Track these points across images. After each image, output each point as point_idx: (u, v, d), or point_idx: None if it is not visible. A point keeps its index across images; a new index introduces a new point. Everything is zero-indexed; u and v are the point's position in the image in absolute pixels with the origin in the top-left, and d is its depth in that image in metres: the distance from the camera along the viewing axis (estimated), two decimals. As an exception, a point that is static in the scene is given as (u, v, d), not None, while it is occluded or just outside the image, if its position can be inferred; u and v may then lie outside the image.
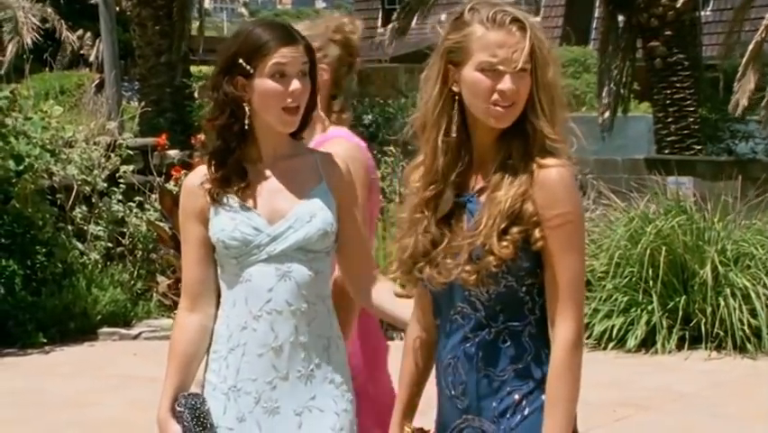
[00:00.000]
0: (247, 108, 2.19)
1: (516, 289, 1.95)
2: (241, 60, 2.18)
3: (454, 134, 1.99)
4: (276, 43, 2.18)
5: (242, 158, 2.23)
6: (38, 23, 13.46)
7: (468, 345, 1.99)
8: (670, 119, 11.59)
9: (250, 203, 2.22)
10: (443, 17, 2.01)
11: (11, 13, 13.48)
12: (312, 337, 2.22)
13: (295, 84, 2.18)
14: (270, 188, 2.24)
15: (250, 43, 2.19)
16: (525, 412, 1.96)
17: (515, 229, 1.91)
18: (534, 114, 1.96)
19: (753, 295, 6.51)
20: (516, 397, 1.96)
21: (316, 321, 2.23)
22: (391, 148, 9.41)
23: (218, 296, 2.28)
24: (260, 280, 2.20)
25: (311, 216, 2.20)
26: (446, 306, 2.02)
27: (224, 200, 2.23)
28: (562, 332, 1.92)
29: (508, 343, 1.97)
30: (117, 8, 12.20)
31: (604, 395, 5.63)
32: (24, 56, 12.69)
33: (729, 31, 11.52)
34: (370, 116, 13.12)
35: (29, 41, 13.15)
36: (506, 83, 1.93)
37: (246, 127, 2.21)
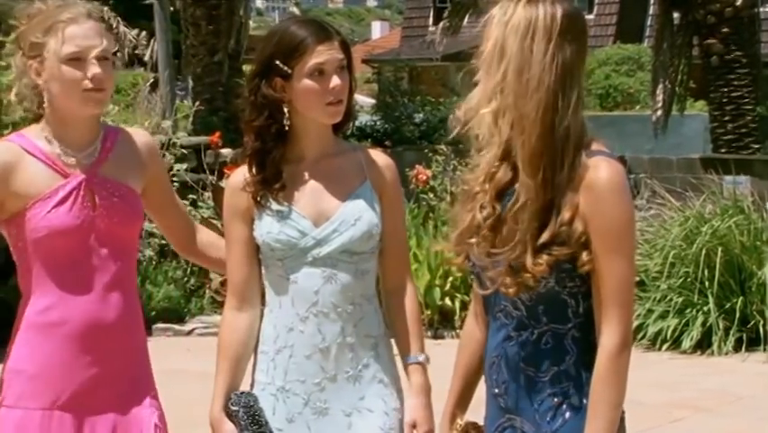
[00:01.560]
0: (286, 109, 2.18)
1: (557, 291, 1.92)
2: (278, 62, 2.17)
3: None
4: (312, 42, 2.16)
5: (282, 158, 2.21)
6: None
7: (511, 344, 1.97)
8: (727, 117, 11.40)
9: (294, 204, 2.21)
10: (492, 12, 1.97)
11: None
12: (359, 338, 2.21)
13: (335, 80, 2.17)
14: (315, 188, 2.22)
15: (285, 44, 2.17)
16: (567, 416, 1.93)
17: (561, 250, 1.86)
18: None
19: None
20: (557, 400, 1.94)
21: (363, 321, 2.22)
22: (442, 147, 9.37)
23: (263, 294, 2.27)
24: (306, 282, 2.19)
25: (356, 219, 2.19)
26: (492, 303, 2.01)
27: (268, 202, 2.21)
28: (606, 337, 1.89)
29: (551, 344, 1.94)
30: (172, 8, 12.34)
31: (659, 396, 5.57)
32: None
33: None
34: (421, 115, 13.09)
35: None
36: None
37: (286, 128, 2.19)
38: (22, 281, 2.30)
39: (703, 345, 6.57)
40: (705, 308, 6.59)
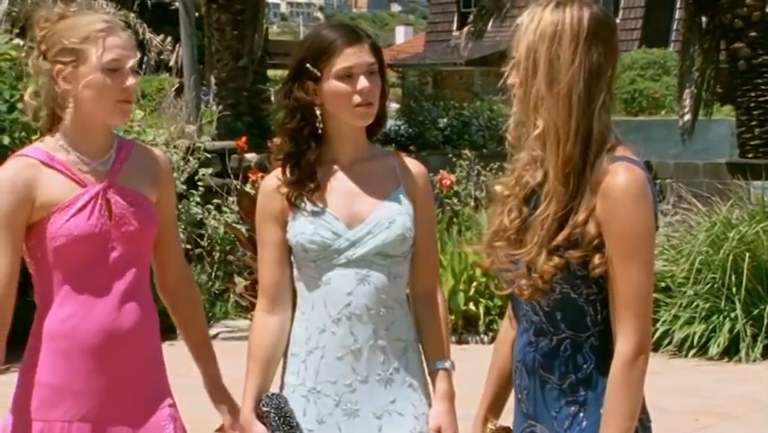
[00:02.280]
0: (318, 112, 2.20)
1: (573, 297, 1.91)
2: (308, 65, 2.19)
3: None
4: (340, 44, 2.18)
5: (316, 160, 2.22)
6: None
7: (531, 349, 1.97)
8: (754, 122, 11.31)
9: (328, 206, 2.22)
10: (520, 18, 1.96)
11: (95, 18, 13.81)
12: (390, 341, 2.21)
13: (362, 82, 2.18)
14: (349, 191, 2.23)
15: (315, 47, 2.20)
16: (583, 425, 1.92)
17: (572, 253, 1.86)
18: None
19: None
20: (573, 409, 1.92)
21: (395, 325, 2.22)
22: (466, 152, 9.36)
23: (294, 297, 2.27)
24: (340, 283, 2.19)
25: (390, 222, 2.20)
26: (518, 307, 2.02)
27: (302, 203, 2.22)
28: (620, 346, 1.87)
29: (569, 352, 1.93)
30: (197, 13, 12.41)
31: (686, 403, 5.52)
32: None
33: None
34: (445, 120, 13.07)
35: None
36: None
37: (319, 131, 2.21)
38: (38, 292, 2.31)
39: (730, 351, 6.50)
40: (732, 315, 6.53)
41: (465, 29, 14.01)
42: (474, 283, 7.11)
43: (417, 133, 12.51)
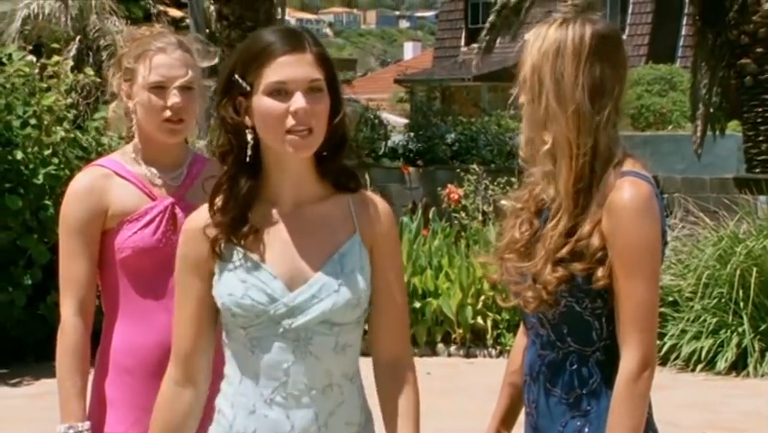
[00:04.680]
0: (250, 136, 1.74)
1: (579, 311, 1.89)
2: (236, 76, 1.74)
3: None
4: (274, 50, 1.72)
5: (252, 198, 1.76)
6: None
7: (538, 363, 1.95)
8: (761, 137, 11.29)
9: (265, 260, 1.75)
10: (526, 36, 1.97)
11: (110, 39, 13.90)
12: (338, 426, 1.78)
13: (297, 101, 1.70)
14: (291, 241, 1.77)
15: (245, 54, 1.75)
16: None
17: (576, 266, 1.85)
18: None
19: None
20: (579, 423, 1.90)
21: (343, 407, 1.79)
22: (474, 166, 9.37)
23: (222, 363, 1.85)
24: (275, 357, 1.75)
25: (340, 283, 1.75)
26: (527, 321, 2.00)
27: (232, 254, 1.76)
28: (624, 361, 1.85)
29: (575, 366, 1.91)
30: (207, 29, 12.45)
31: (694, 417, 5.49)
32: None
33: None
34: (453, 135, 13.07)
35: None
36: None
37: (247, 159, 1.75)
38: (105, 303, 2.34)
39: (738, 366, 6.47)
40: (740, 330, 6.50)
41: (476, 46, 14.02)
42: (482, 297, 7.10)
43: (426, 148, 12.50)
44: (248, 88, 1.73)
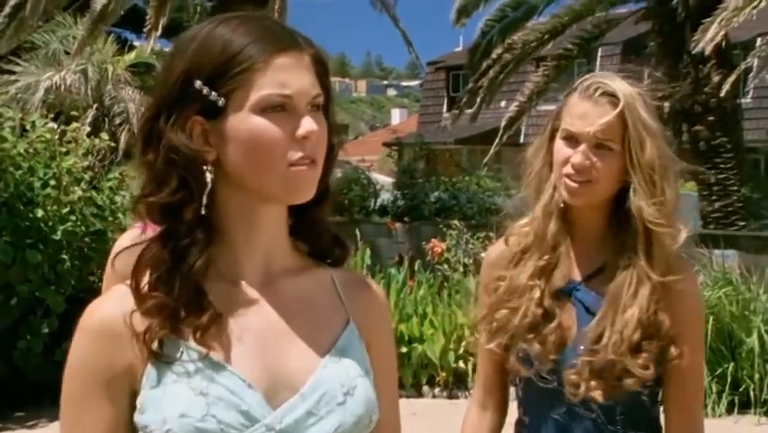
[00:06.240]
0: (209, 175, 1.07)
1: (637, 393, 1.65)
2: (198, 84, 1.06)
3: (557, 203, 1.68)
4: (265, 48, 1.07)
5: (208, 268, 1.09)
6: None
7: None
8: (714, 197, 11.39)
9: (231, 360, 1.08)
10: (503, 103, 1.93)
11: (123, 107, 13.97)
12: None
13: (307, 124, 1.08)
14: (268, 332, 1.11)
15: (211, 53, 1.07)
16: None
17: (650, 345, 1.61)
18: (635, 195, 1.64)
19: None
20: None
21: None
22: (455, 222, 9.42)
23: None
24: None
25: (346, 391, 1.11)
26: (547, 402, 1.67)
27: (178, 353, 1.07)
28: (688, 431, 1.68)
29: None
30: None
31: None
32: (132, 141, 13.16)
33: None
34: (436, 193, 13.12)
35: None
36: (576, 156, 1.63)
37: (202, 211, 1.08)
38: None
39: (698, 407, 6.44)
40: (699, 373, 6.48)
41: (455, 111, 14.13)
42: (464, 343, 7.09)
43: (412, 205, 12.54)
44: (220, 103, 1.06)
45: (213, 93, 1.07)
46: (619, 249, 1.65)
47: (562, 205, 1.67)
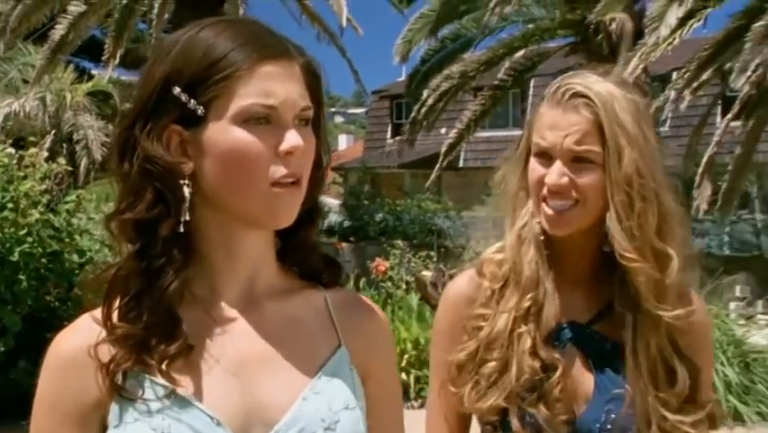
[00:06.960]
0: (187, 190, 0.96)
1: None
2: (177, 92, 0.95)
3: (533, 230, 1.32)
4: (251, 55, 0.96)
5: (180, 293, 0.97)
6: (106, 139, 13.82)
7: None
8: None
9: (200, 395, 0.97)
10: (443, 130, 1.92)
11: (82, 133, 13.81)
12: None
13: (292, 139, 0.96)
14: (242, 362, 0.99)
15: (192, 58, 0.96)
16: None
17: (685, 390, 1.31)
18: (609, 219, 1.27)
19: (714, 375, 6.45)
20: None
21: None
22: (398, 242, 9.55)
23: None
24: None
25: (327, 427, 0.98)
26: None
27: (141, 389, 0.96)
28: None
29: None
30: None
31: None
32: (91, 166, 12.97)
33: (688, 146, 11.59)
34: (381, 214, 13.23)
35: (98, 157, 13.46)
36: (551, 175, 1.27)
37: (181, 228, 0.97)
38: None
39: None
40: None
41: (398, 138, 14.28)
42: (406, 356, 7.18)
43: (358, 226, 12.62)
44: (200, 112, 0.95)
45: (192, 101, 0.95)
46: (621, 283, 1.29)
47: (542, 237, 1.30)
